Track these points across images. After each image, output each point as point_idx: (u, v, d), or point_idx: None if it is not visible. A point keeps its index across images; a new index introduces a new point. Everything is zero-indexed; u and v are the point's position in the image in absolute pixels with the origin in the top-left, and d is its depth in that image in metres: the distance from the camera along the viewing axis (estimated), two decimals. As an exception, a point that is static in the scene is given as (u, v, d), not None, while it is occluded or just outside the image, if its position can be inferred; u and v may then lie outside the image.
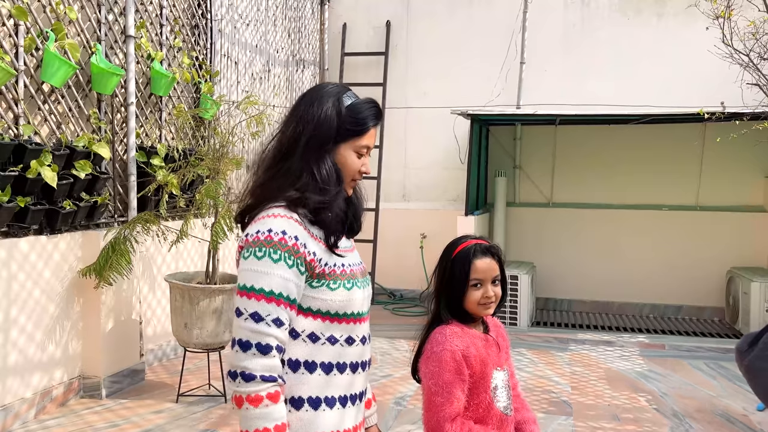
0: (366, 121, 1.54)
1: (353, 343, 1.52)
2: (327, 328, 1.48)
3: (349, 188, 1.58)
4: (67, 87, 4.04)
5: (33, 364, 3.74)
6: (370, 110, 1.55)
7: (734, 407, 4.26)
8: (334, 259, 1.50)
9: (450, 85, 7.37)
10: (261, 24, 6.51)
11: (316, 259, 1.45)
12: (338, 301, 1.48)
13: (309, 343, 1.46)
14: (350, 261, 1.55)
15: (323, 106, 1.51)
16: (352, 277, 1.53)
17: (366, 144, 1.56)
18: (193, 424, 3.76)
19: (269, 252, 1.38)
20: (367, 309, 1.58)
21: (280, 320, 1.39)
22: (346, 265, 1.53)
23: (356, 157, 1.55)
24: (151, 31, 4.87)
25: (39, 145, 3.65)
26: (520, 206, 7.65)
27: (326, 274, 1.47)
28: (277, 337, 1.39)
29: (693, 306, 7.26)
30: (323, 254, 1.48)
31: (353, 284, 1.52)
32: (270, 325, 1.37)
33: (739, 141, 5.17)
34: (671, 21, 6.93)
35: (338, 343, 1.49)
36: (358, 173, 1.57)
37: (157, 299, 4.84)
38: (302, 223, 1.46)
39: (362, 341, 1.55)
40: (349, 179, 1.57)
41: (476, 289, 1.84)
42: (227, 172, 4.33)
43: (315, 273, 1.46)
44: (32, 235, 3.74)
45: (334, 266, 1.49)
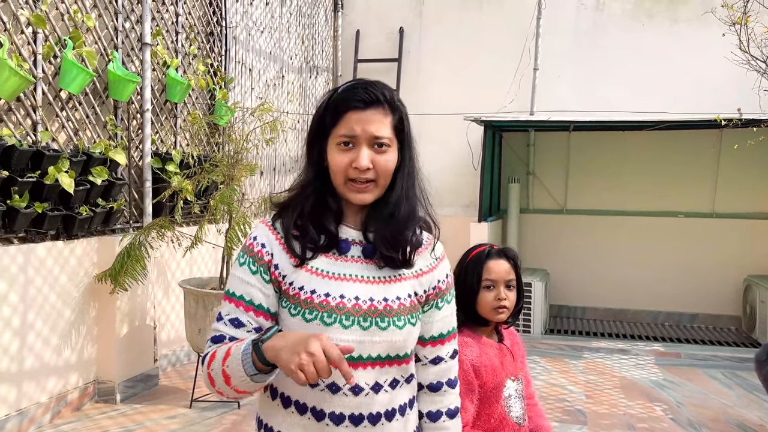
0: (338, 105, 1.30)
1: (337, 392, 1.28)
2: None
3: (349, 192, 1.31)
4: (85, 94, 4.08)
5: (49, 369, 3.77)
6: (347, 92, 1.31)
7: (750, 417, 4.21)
8: (303, 281, 1.30)
9: (463, 92, 7.36)
10: (275, 31, 6.55)
11: (278, 273, 1.31)
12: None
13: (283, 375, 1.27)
14: (338, 291, 1.29)
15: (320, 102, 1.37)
16: (323, 309, 1.27)
17: (344, 133, 1.29)
18: (207, 429, 3.77)
19: (240, 256, 1.35)
20: (365, 354, 1.29)
21: (238, 321, 1.29)
22: (320, 293, 1.28)
23: (340, 152, 1.29)
24: (167, 39, 4.91)
25: (56, 152, 3.69)
26: (533, 213, 7.62)
27: (290, 296, 1.30)
28: (231, 335, 1.29)
29: (709, 314, 7.18)
30: (289, 269, 1.31)
31: (318, 317, 1.26)
32: (227, 324, 1.30)
33: (756, 148, 5.13)
34: (685, 27, 6.89)
35: (319, 387, 1.28)
36: (352, 170, 1.29)
37: (171, 305, 4.87)
38: (276, 230, 1.35)
39: (354, 392, 1.28)
40: (340, 180, 1.31)
41: (489, 291, 1.80)
42: (241, 179, 4.35)
43: (282, 291, 1.32)
44: (49, 240, 3.78)
45: (300, 289, 1.29)
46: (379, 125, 1.30)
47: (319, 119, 1.34)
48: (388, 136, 1.31)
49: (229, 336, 1.30)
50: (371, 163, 1.29)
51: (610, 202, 7.41)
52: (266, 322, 1.31)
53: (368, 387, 1.30)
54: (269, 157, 6.38)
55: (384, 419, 1.32)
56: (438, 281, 1.40)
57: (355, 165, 1.28)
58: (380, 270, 1.34)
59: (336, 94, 1.33)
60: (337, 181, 1.31)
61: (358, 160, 1.28)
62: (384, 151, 1.31)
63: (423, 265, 1.39)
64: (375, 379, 1.31)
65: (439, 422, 1.42)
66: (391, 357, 1.32)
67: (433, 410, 1.42)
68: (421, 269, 1.39)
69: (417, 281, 1.37)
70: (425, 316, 1.40)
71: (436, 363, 1.42)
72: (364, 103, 1.29)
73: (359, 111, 1.29)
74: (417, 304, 1.37)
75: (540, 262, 7.38)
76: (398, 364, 1.34)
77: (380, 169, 1.30)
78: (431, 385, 1.42)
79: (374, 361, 1.30)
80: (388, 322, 1.30)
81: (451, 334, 1.44)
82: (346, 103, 1.29)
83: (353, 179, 1.30)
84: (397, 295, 1.33)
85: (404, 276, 1.36)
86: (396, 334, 1.31)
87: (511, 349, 1.89)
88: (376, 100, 1.30)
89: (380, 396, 1.31)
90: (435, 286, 1.40)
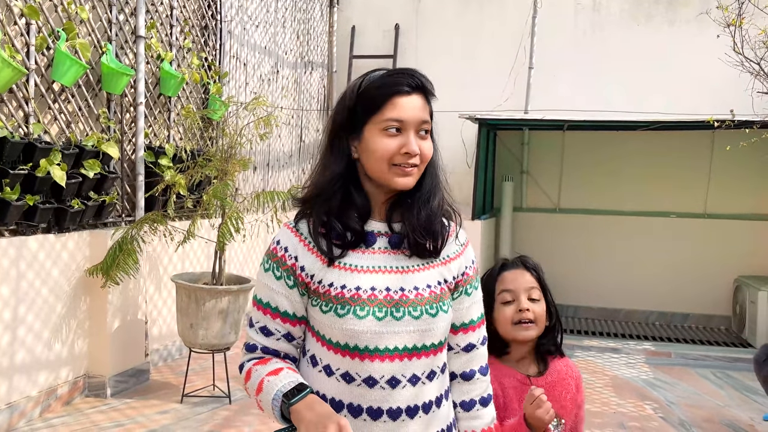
0: (383, 89, 1.27)
1: (374, 386, 1.29)
2: (337, 361, 1.30)
3: (394, 177, 1.28)
4: (77, 86, 4.05)
5: (40, 363, 3.74)
6: (391, 77, 1.28)
7: (741, 417, 4.23)
8: (332, 277, 1.30)
9: (458, 89, 7.35)
10: (270, 26, 6.52)
11: (305, 275, 1.31)
12: (333, 329, 1.29)
13: (323, 375, 1.32)
14: (368, 283, 1.29)
15: (341, 96, 1.33)
16: (355, 302, 1.28)
17: (391, 116, 1.26)
18: (198, 425, 3.75)
19: (265, 261, 1.36)
20: (401, 345, 1.29)
21: (267, 329, 1.34)
22: (350, 287, 1.29)
23: (386, 137, 1.27)
24: (161, 32, 4.88)
25: (48, 144, 3.66)
26: (527, 211, 7.63)
27: (320, 293, 1.31)
28: (263, 345, 1.35)
29: (700, 314, 7.22)
30: (317, 269, 1.31)
31: (351, 311, 1.27)
32: (257, 333, 1.35)
33: (748, 149, 5.14)
34: (683, 28, 6.91)
35: (355, 382, 1.29)
36: (398, 156, 1.26)
37: (163, 299, 4.84)
38: (299, 231, 1.34)
39: (391, 384, 1.29)
40: (385, 166, 1.27)
41: (507, 306, 1.56)
42: (235, 174, 4.33)
43: (311, 290, 1.32)
44: (40, 233, 3.75)
45: (330, 286, 1.30)
46: (423, 111, 1.30)
47: (348, 110, 1.31)
48: (429, 121, 1.31)
49: (261, 346, 1.35)
50: (419, 148, 1.28)
51: (604, 202, 7.44)
52: (293, 328, 1.34)
53: (405, 380, 1.30)
54: (263, 152, 6.36)
55: (422, 412, 1.32)
56: (466, 267, 1.41)
57: (406, 150, 1.26)
58: (408, 260, 1.34)
59: (371, 83, 1.30)
60: (380, 167, 1.28)
61: (409, 145, 1.26)
62: (426, 138, 1.31)
63: (450, 251, 1.40)
64: (413, 371, 1.31)
65: (472, 411, 1.42)
66: (427, 347, 1.32)
67: (467, 399, 1.43)
68: (449, 256, 1.39)
69: (446, 268, 1.38)
70: (456, 303, 1.40)
71: (469, 350, 1.42)
72: (411, 87, 1.28)
73: (406, 96, 1.28)
74: (447, 291, 1.37)
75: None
76: (434, 354, 1.33)
77: (424, 155, 1.30)
78: (464, 373, 1.43)
79: (411, 352, 1.30)
80: (421, 311, 1.30)
81: (481, 319, 1.45)
82: (390, 88, 1.27)
83: (398, 164, 1.28)
84: (428, 283, 1.33)
85: (432, 264, 1.36)
86: (431, 323, 1.31)
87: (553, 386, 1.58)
88: (420, 86, 1.30)
89: (419, 388, 1.31)
90: (464, 272, 1.41)
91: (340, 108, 1.33)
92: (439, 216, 1.36)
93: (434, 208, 1.35)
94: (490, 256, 7.17)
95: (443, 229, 1.37)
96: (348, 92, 1.33)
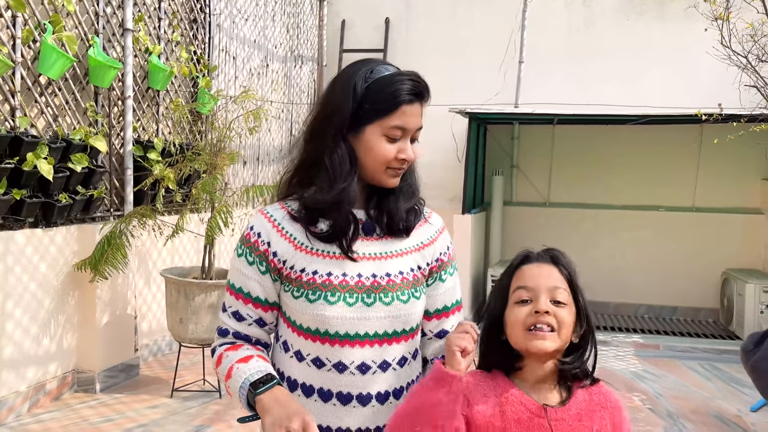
0: (394, 96, 1.28)
1: (344, 371, 1.30)
2: (308, 347, 1.31)
3: (387, 178, 1.33)
4: (64, 79, 4.02)
5: (28, 358, 3.72)
6: (401, 84, 1.29)
7: (728, 408, 4.27)
8: (304, 263, 1.31)
9: (449, 84, 7.35)
10: (259, 19, 6.48)
11: (277, 260, 1.32)
12: (303, 314, 1.30)
13: (294, 360, 1.34)
14: (340, 269, 1.30)
15: (346, 83, 1.31)
16: (326, 288, 1.29)
17: (397, 124, 1.29)
18: (189, 419, 3.75)
19: (238, 247, 1.38)
20: (372, 331, 1.30)
21: (239, 314, 1.36)
22: (322, 273, 1.30)
23: (386, 141, 1.30)
24: (149, 25, 4.85)
25: (35, 138, 3.63)
26: (517, 205, 7.65)
27: (292, 279, 1.31)
28: (235, 330, 1.36)
29: (688, 307, 7.27)
30: (289, 255, 1.32)
31: (322, 296, 1.28)
32: (230, 318, 1.37)
33: (736, 143, 5.18)
34: (672, 23, 6.93)
35: (325, 367, 1.30)
36: (394, 161, 1.31)
37: (153, 294, 4.83)
38: (273, 217, 1.35)
39: (361, 369, 1.30)
40: (381, 167, 1.31)
41: (522, 306, 1.20)
42: (224, 167, 4.32)
43: (284, 276, 1.33)
44: (28, 228, 3.72)
45: (301, 271, 1.30)
46: (420, 119, 1.35)
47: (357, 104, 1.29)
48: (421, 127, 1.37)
49: (233, 331, 1.36)
50: (413, 154, 1.35)
51: (593, 196, 7.47)
52: (265, 314, 1.36)
53: (375, 365, 1.32)
54: (252, 146, 6.34)
55: (392, 397, 1.34)
56: (440, 253, 1.42)
57: (403, 157, 1.32)
58: (381, 245, 1.36)
59: (383, 82, 1.29)
60: (376, 168, 1.32)
61: (407, 151, 1.32)
62: (416, 141, 1.37)
63: (424, 237, 1.41)
64: (383, 356, 1.32)
65: None
66: (398, 332, 1.33)
67: None
68: (422, 242, 1.41)
69: (419, 254, 1.39)
70: (429, 290, 1.41)
71: (442, 337, 1.42)
72: (416, 96, 1.31)
73: (411, 104, 1.31)
74: (421, 277, 1.38)
75: (523, 254, 7.41)
76: (405, 339, 1.35)
77: (415, 159, 1.37)
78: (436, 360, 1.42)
79: (381, 338, 1.31)
80: (392, 297, 1.32)
81: (456, 306, 1.45)
82: (402, 97, 1.29)
83: (393, 167, 1.33)
84: (400, 270, 1.35)
85: (406, 250, 1.37)
86: (401, 308, 1.32)
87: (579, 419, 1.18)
88: (424, 92, 1.34)
89: (389, 373, 1.33)
90: (438, 258, 1.42)
91: (344, 100, 1.30)
92: (416, 199, 1.42)
93: (411, 193, 1.40)
94: (480, 250, 7.19)
95: (417, 217, 1.41)
96: (353, 82, 1.30)
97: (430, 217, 1.46)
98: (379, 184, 1.34)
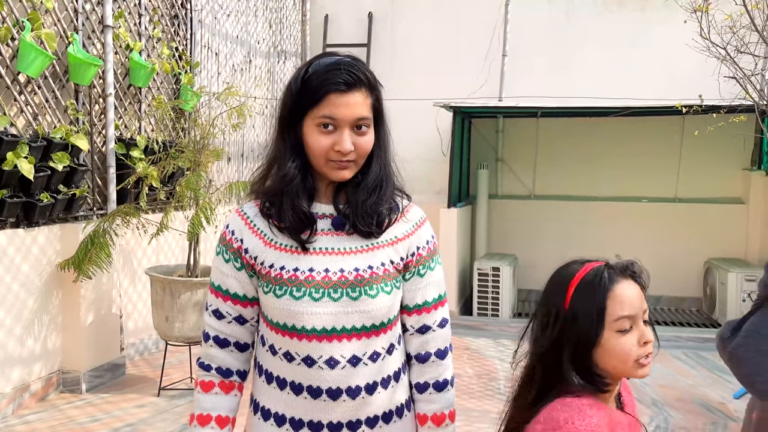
0: (320, 86, 1.26)
1: (313, 365, 1.30)
2: (279, 341, 1.33)
3: (331, 171, 1.29)
4: (44, 77, 3.97)
5: (12, 359, 3.68)
6: (329, 73, 1.26)
7: (712, 396, 4.33)
8: (273, 258, 1.32)
9: (433, 78, 7.36)
10: (242, 15, 6.44)
11: (249, 256, 1.34)
12: (273, 309, 1.31)
13: (269, 354, 1.36)
14: (306, 264, 1.30)
15: (291, 79, 1.33)
16: (292, 283, 1.29)
17: (324, 114, 1.25)
18: (176, 417, 3.73)
19: (217, 246, 1.41)
20: (339, 326, 1.29)
21: (219, 312, 1.38)
22: (289, 268, 1.30)
23: (320, 133, 1.27)
24: (130, 21, 4.80)
25: (15, 137, 3.59)
26: (502, 198, 7.69)
27: (263, 275, 1.33)
28: (215, 328, 1.38)
29: (672, 296, 7.36)
30: (259, 251, 1.33)
31: (288, 292, 1.29)
32: (210, 316, 1.39)
33: (716, 134, 5.24)
34: (653, 15, 6.98)
35: (295, 361, 1.31)
36: (332, 152, 1.27)
37: (138, 293, 4.79)
38: (246, 215, 1.37)
39: (329, 364, 1.29)
40: (321, 160, 1.29)
41: (625, 335, 1.18)
42: (208, 164, 4.29)
43: (257, 272, 1.34)
44: (9, 228, 3.68)
45: (270, 267, 1.32)
46: (361, 108, 1.28)
47: (294, 96, 1.31)
48: (368, 117, 1.30)
49: (213, 335, 1.39)
50: (353, 145, 1.28)
51: (577, 188, 7.52)
52: (244, 310, 1.37)
53: (344, 360, 1.30)
54: (237, 143, 6.30)
55: (365, 392, 1.32)
56: (417, 247, 1.39)
57: (338, 149, 1.26)
58: (352, 240, 1.33)
59: (314, 73, 1.28)
60: (317, 161, 1.30)
61: (342, 143, 1.26)
62: (364, 133, 1.30)
63: (398, 232, 1.38)
64: (353, 352, 1.31)
65: (425, 394, 1.40)
66: (367, 327, 1.31)
67: (421, 381, 1.41)
68: (396, 236, 1.37)
69: (392, 249, 1.36)
70: (408, 284, 1.38)
71: (423, 332, 1.40)
72: (347, 85, 1.26)
73: (341, 93, 1.26)
74: (393, 272, 1.35)
75: (508, 247, 7.46)
76: (376, 335, 1.33)
77: (361, 150, 1.30)
78: (419, 355, 1.41)
79: (350, 333, 1.30)
80: (360, 292, 1.29)
81: (438, 301, 1.41)
82: (327, 85, 1.26)
83: (333, 160, 1.28)
84: (370, 264, 1.32)
85: (378, 245, 1.35)
86: (369, 303, 1.30)
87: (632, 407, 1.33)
88: (358, 81, 1.28)
89: (360, 369, 1.31)
90: (414, 252, 1.38)
91: (288, 92, 1.32)
92: (387, 201, 1.35)
93: (382, 195, 1.34)
94: (466, 244, 7.22)
95: (391, 213, 1.36)
96: (293, 80, 1.32)
97: (408, 211, 1.41)
98: (328, 177, 1.31)
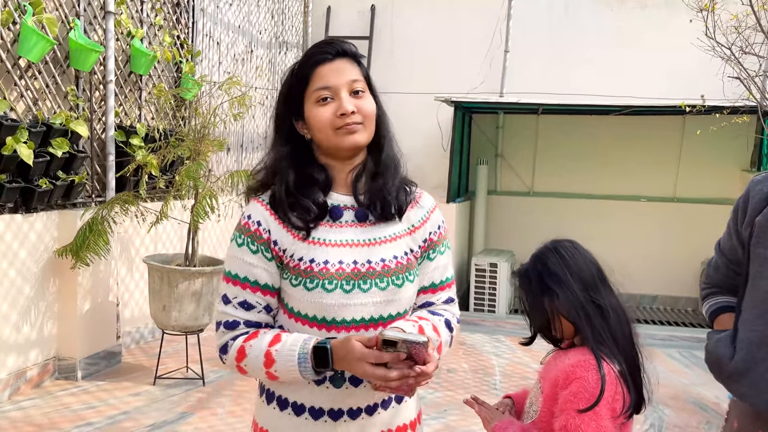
0: (309, 62, 1.32)
1: None
2: (305, 333, 1.33)
3: (342, 138, 1.31)
4: (45, 63, 3.94)
5: (8, 345, 3.67)
6: (313, 50, 1.34)
7: (707, 395, 4.35)
8: (302, 252, 1.32)
9: (434, 72, 7.33)
10: (244, 4, 6.40)
11: (278, 248, 1.33)
12: (301, 301, 1.32)
13: None
14: (336, 257, 1.32)
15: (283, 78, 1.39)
16: (323, 276, 1.30)
17: (318, 86, 1.31)
18: (171, 406, 3.73)
19: (237, 237, 1.36)
20: (368, 316, 1.33)
21: (248, 303, 1.34)
22: (319, 261, 1.31)
23: (321, 107, 1.31)
24: (132, 8, 4.76)
25: (15, 122, 3.56)
26: (501, 194, 7.68)
27: (291, 267, 1.33)
28: (246, 319, 1.34)
29: (668, 296, 7.38)
30: (288, 243, 1.33)
31: (319, 285, 1.30)
32: (237, 308, 1.34)
33: (717, 134, 5.23)
34: (655, 12, 6.97)
35: None
36: (336, 119, 1.30)
37: (135, 281, 4.78)
38: (270, 207, 1.35)
39: None
40: (330, 133, 1.31)
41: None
42: (208, 154, 4.27)
43: (284, 264, 1.34)
44: (7, 213, 3.66)
45: (299, 260, 1.32)
46: (351, 71, 1.33)
47: (287, 91, 1.37)
48: (361, 80, 1.34)
49: (243, 320, 1.34)
50: (355, 107, 1.31)
51: (576, 185, 7.52)
52: (272, 300, 1.35)
53: None
54: (236, 133, 6.28)
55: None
56: (430, 233, 1.43)
57: (340, 112, 1.29)
58: (375, 231, 1.37)
59: (301, 58, 1.36)
60: (325, 136, 1.32)
61: (342, 105, 1.29)
62: (362, 97, 1.33)
63: (415, 219, 1.42)
64: None
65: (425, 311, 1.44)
66: (393, 316, 1.35)
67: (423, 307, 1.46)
68: (414, 225, 1.42)
69: (411, 238, 1.41)
70: (419, 268, 1.42)
71: (424, 306, 1.45)
72: (332, 54, 1.32)
73: (329, 63, 1.32)
74: (414, 260, 1.40)
75: (506, 243, 7.45)
76: (395, 322, 1.35)
77: (366, 111, 1.33)
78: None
79: (377, 322, 1.33)
80: (387, 282, 1.34)
81: (445, 283, 1.46)
82: (313, 59, 1.32)
83: (340, 126, 1.30)
84: (395, 254, 1.36)
85: (398, 235, 1.39)
86: (397, 293, 1.34)
87: None
88: (342, 51, 1.34)
89: None
90: (426, 238, 1.43)
91: (282, 90, 1.38)
92: (398, 178, 1.40)
93: (396, 176, 1.39)
94: (464, 239, 7.22)
95: (407, 196, 1.41)
96: (287, 75, 1.39)
97: (421, 198, 1.45)
98: (343, 148, 1.32)
